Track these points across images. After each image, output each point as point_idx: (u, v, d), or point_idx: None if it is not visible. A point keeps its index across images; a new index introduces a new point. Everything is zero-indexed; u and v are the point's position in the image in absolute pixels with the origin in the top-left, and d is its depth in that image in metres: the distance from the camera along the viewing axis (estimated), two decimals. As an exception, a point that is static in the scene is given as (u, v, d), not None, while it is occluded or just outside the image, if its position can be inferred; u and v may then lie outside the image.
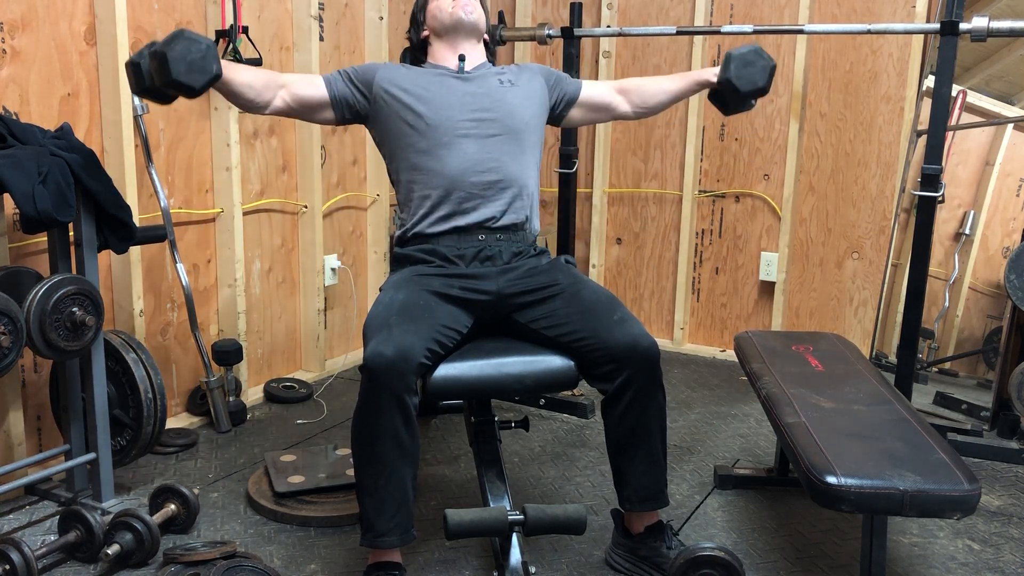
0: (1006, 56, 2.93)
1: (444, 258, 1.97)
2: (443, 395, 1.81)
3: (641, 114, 2.26)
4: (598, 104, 2.22)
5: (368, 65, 2.11)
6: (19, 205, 1.82)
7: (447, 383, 1.80)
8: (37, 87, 2.22)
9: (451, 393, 1.82)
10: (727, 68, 2.06)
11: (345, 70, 2.08)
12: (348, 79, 2.06)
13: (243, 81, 1.92)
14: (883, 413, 1.80)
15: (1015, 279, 2.49)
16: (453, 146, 1.98)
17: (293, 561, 1.97)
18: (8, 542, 1.75)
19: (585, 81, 2.24)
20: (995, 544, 2.11)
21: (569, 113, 2.21)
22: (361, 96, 2.05)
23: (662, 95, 2.22)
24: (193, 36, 1.70)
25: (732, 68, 2.06)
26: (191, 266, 2.70)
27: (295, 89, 2.02)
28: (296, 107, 2.03)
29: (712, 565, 1.73)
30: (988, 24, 2.29)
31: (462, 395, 1.90)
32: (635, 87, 2.23)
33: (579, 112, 2.22)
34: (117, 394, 2.18)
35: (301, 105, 2.03)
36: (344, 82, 2.06)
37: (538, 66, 2.23)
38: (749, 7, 3.35)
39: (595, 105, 2.22)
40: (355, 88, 2.05)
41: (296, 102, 2.02)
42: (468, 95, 2.03)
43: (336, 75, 2.07)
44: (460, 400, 2.32)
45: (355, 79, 2.06)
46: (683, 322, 3.62)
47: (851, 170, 3.28)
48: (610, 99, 2.22)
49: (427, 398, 1.81)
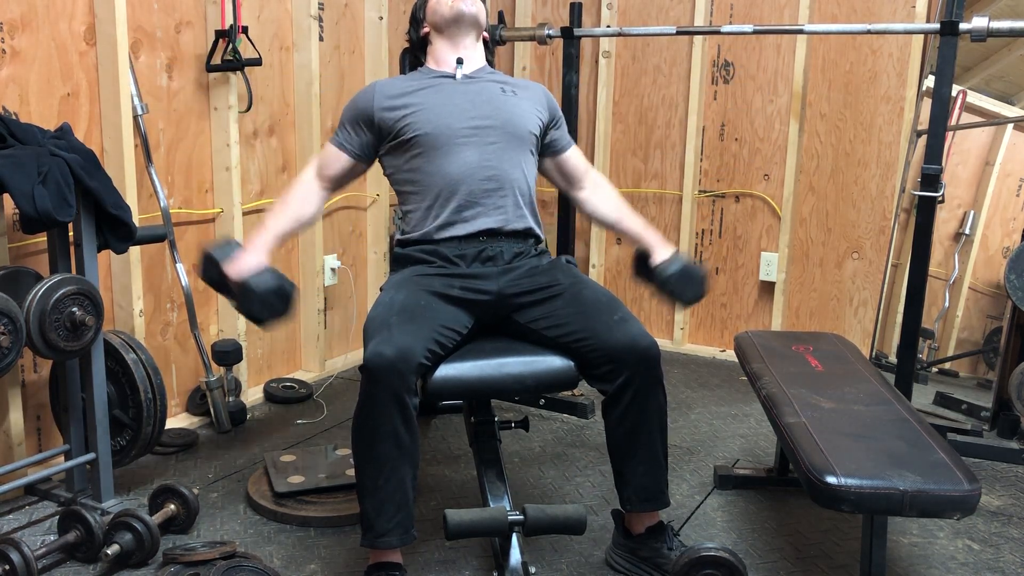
0: (1006, 56, 2.93)
1: (445, 258, 1.97)
2: (443, 395, 1.81)
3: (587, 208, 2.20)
4: (570, 172, 2.19)
5: (359, 98, 2.08)
6: (19, 205, 1.82)
7: (447, 383, 1.80)
8: (37, 87, 2.22)
9: (451, 393, 1.82)
10: (667, 285, 2.02)
11: (345, 120, 2.08)
12: (353, 128, 2.06)
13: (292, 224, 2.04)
14: (883, 413, 1.80)
15: (1015, 279, 2.49)
16: (453, 153, 1.97)
17: (293, 561, 1.97)
18: (8, 542, 1.75)
19: (574, 146, 2.22)
20: (995, 544, 2.11)
21: (544, 160, 2.18)
22: (370, 132, 2.05)
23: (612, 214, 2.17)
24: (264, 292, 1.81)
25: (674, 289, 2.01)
26: (191, 266, 2.70)
27: (326, 174, 2.08)
28: (336, 184, 2.10)
29: (715, 565, 1.73)
30: (988, 24, 2.29)
31: (462, 395, 1.91)
32: (602, 187, 2.20)
33: (552, 165, 2.19)
34: (117, 394, 2.18)
35: (337, 182, 2.10)
36: (353, 132, 2.06)
37: (545, 91, 2.18)
38: (749, 7, 3.35)
39: (567, 171, 2.19)
40: (363, 131, 2.05)
41: (333, 183, 2.09)
42: (467, 101, 2.02)
43: (341, 132, 2.07)
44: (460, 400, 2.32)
45: (360, 122, 2.05)
46: (683, 322, 3.62)
47: (851, 170, 3.28)
48: (581, 176, 2.19)
49: (427, 398, 1.81)
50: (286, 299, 1.84)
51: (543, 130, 2.12)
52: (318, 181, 2.08)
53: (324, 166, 2.08)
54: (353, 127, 2.06)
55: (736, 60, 3.41)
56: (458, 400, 2.35)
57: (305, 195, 2.06)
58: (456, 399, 2.06)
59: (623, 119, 3.65)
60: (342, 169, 2.08)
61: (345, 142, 2.07)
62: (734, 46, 3.41)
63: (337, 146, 2.07)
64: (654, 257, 2.06)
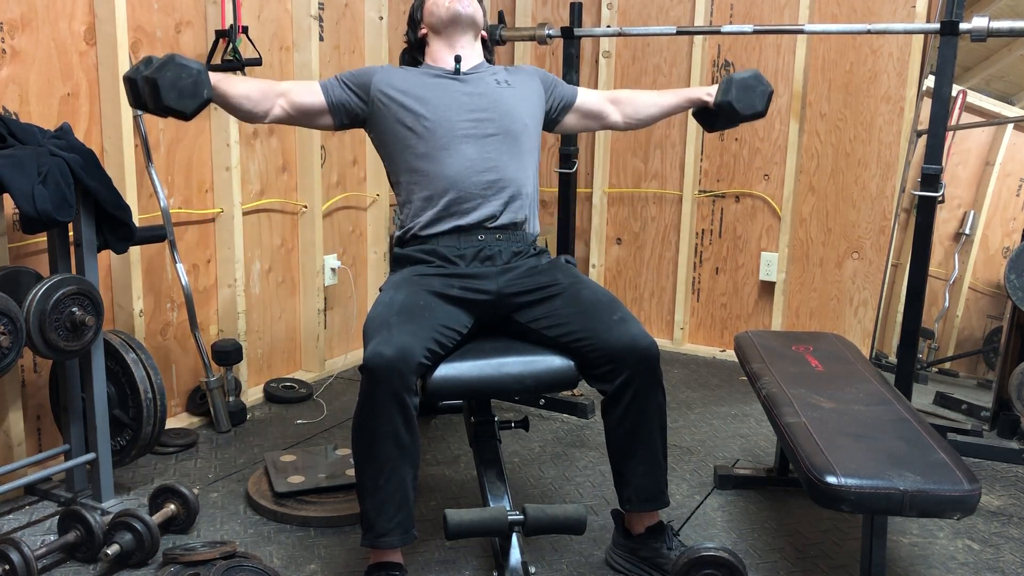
0: (1006, 56, 2.93)
1: (444, 258, 1.97)
2: (443, 395, 1.81)
3: (631, 125, 2.31)
4: (592, 111, 2.26)
5: (364, 69, 2.11)
6: (19, 205, 1.82)
7: (447, 383, 1.80)
8: (37, 87, 2.22)
9: (451, 393, 1.82)
10: (728, 91, 2.13)
11: (341, 75, 2.09)
12: (345, 84, 2.07)
13: (240, 93, 1.95)
14: (883, 413, 1.80)
15: (1015, 279, 2.49)
16: (452, 148, 1.98)
17: (293, 561, 1.97)
18: (8, 542, 1.75)
19: (580, 88, 2.27)
20: (995, 544, 2.11)
21: (564, 118, 2.24)
22: (359, 100, 2.06)
23: (653, 108, 2.27)
24: (184, 62, 1.76)
25: (734, 92, 2.12)
26: (191, 266, 2.70)
27: (293, 97, 2.03)
28: (295, 114, 2.05)
29: (715, 565, 1.73)
30: (988, 24, 2.29)
31: (462, 395, 1.90)
32: (627, 98, 2.27)
33: (573, 118, 2.25)
34: (117, 394, 2.18)
35: (299, 112, 2.05)
36: (341, 87, 2.06)
37: (534, 68, 2.24)
38: (749, 7, 3.35)
39: (589, 112, 2.26)
40: (352, 93, 2.06)
41: (294, 109, 2.04)
42: (465, 96, 2.03)
43: (333, 81, 2.08)
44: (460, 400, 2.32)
45: (352, 84, 2.06)
46: (683, 322, 3.62)
47: (851, 170, 3.28)
48: (603, 107, 2.27)
49: (427, 398, 1.81)
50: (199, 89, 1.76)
51: (545, 106, 2.17)
52: (281, 97, 2.02)
53: (295, 91, 2.04)
54: (344, 84, 2.07)
55: (736, 60, 3.41)
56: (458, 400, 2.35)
57: (265, 92, 2.00)
58: (456, 399, 2.05)
59: (623, 119, 3.64)
60: (308, 104, 2.04)
61: (329, 88, 2.06)
62: (734, 46, 3.41)
63: (320, 86, 2.07)
64: (704, 99, 2.18)
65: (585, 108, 2.25)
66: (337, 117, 2.07)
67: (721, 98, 2.14)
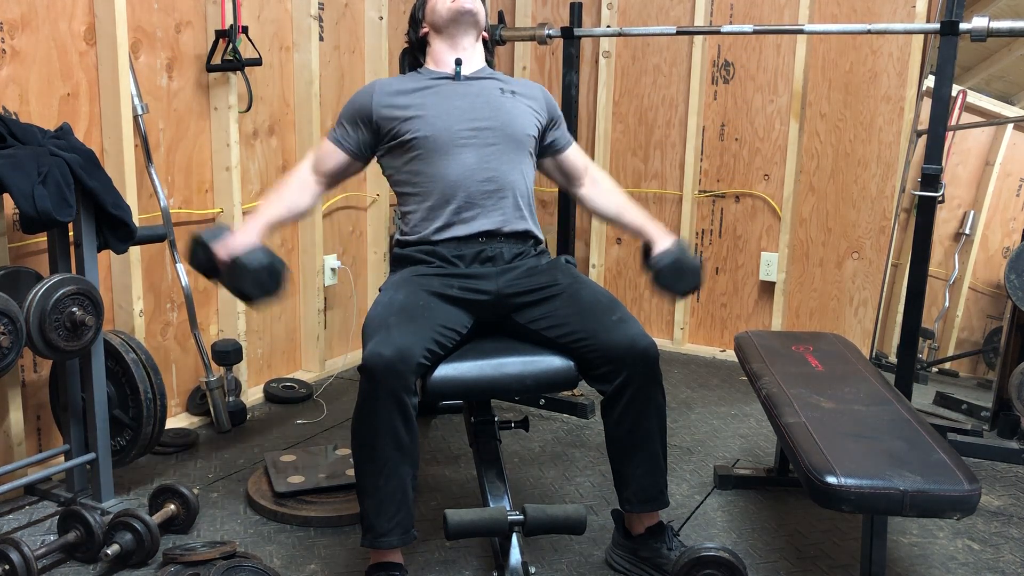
0: (1006, 56, 2.93)
1: (444, 259, 1.97)
2: (443, 395, 1.81)
3: (588, 205, 2.22)
4: (568, 171, 2.20)
5: (358, 96, 2.08)
6: (19, 205, 1.82)
7: (447, 383, 1.80)
8: (37, 87, 2.22)
9: (451, 393, 1.82)
10: (658, 278, 2.01)
11: (344, 117, 2.08)
12: (351, 125, 2.06)
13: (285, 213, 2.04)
14: (883, 413, 1.80)
15: (1015, 279, 2.49)
16: (452, 155, 1.97)
17: (293, 561, 1.97)
18: (8, 542, 1.75)
19: (574, 144, 2.23)
20: (995, 544, 2.11)
21: (544, 159, 2.19)
22: (368, 131, 2.05)
23: (612, 208, 2.18)
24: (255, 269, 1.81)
25: (666, 281, 2.01)
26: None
27: (322, 169, 2.08)
28: (332, 180, 2.10)
29: (715, 565, 1.73)
30: (988, 24, 2.29)
31: (462, 395, 1.90)
32: (601, 183, 2.21)
33: (551, 163, 2.20)
34: (117, 394, 2.18)
35: (333, 178, 2.10)
36: (350, 130, 2.06)
37: (544, 92, 2.18)
38: (749, 7, 3.35)
39: (566, 169, 2.20)
40: (361, 129, 2.05)
41: (329, 179, 2.09)
42: (467, 103, 2.02)
43: (339, 130, 2.08)
44: (460, 400, 2.32)
45: (356, 121, 2.05)
46: (683, 322, 3.62)
47: (851, 170, 3.28)
48: (579, 175, 2.21)
49: (427, 398, 1.81)
50: (276, 276, 1.82)
51: (542, 132, 2.12)
52: (314, 176, 2.08)
53: (320, 161, 2.08)
54: (351, 125, 2.06)
55: (736, 60, 3.41)
56: (458, 400, 2.35)
57: (301, 187, 2.07)
58: (456, 399, 2.06)
59: (623, 119, 3.65)
60: (337, 165, 2.08)
61: (342, 139, 2.07)
62: (734, 46, 3.41)
63: (334, 142, 2.07)
64: (653, 249, 2.06)
65: (566, 164, 2.20)
66: (363, 158, 2.09)
67: (657, 280, 2.02)
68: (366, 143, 2.06)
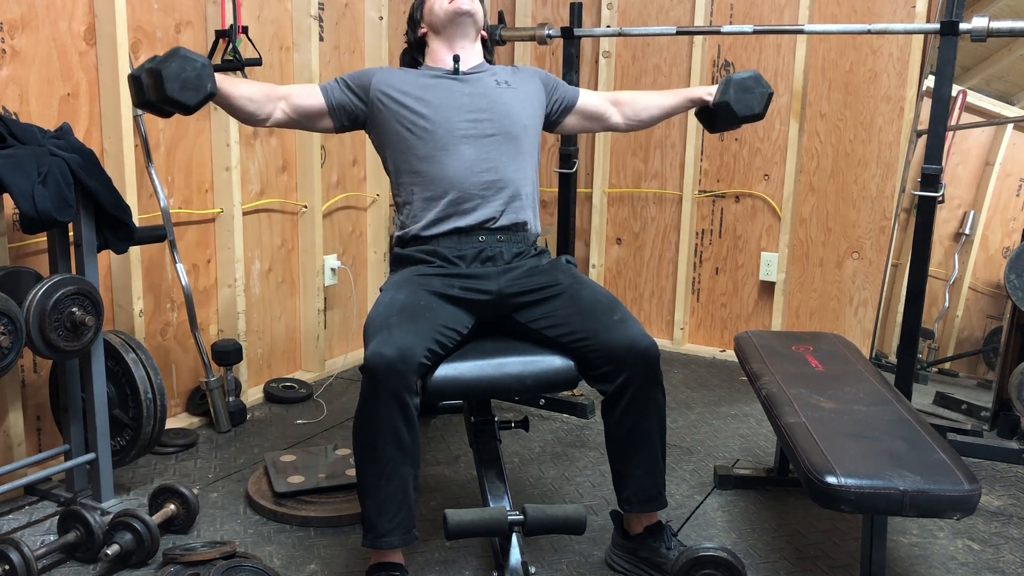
0: (1006, 56, 2.93)
1: (444, 258, 1.97)
2: (443, 395, 1.81)
3: (632, 126, 2.30)
4: (593, 113, 2.25)
5: (364, 71, 2.12)
6: (19, 205, 1.82)
7: (447, 383, 1.80)
8: (37, 87, 2.22)
9: (451, 393, 1.82)
10: (726, 92, 2.12)
11: (342, 77, 2.09)
12: (345, 86, 2.07)
13: (242, 94, 1.96)
14: (883, 413, 1.80)
15: (1015, 279, 2.49)
16: (451, 149, 1.98)
17: (293, 561, 1.97)
18: (8, 542, 1.75)
19: (582, 89, 2.27)
20: (995, 544, 2.11)
21: (565, 120, 2.24)
22: (359, 102, 2.06)
23: (654, 109, 2.26)
24: (189, 55, 1.76)
25: (732, 92, 2.11)
26: (191, 266, 2.70)
27: (294, 100, 2.04)
28: (296, 117, 2.06)
29: (714, 565, 1.73)
30: (988, 24, 2.29)
31: (462, 395, 1.90)
32: (628, 100, 2.27)
33: (574, 119, 2.25)
34: (117, 394, 2.18)
35: (300, 115, 2.06)
36: (341, 89, 2.07)
37: (535, 69, 2.24)
38: (749, 7, 3.35)
39: (590, 114, 2.25)
40: (352, 95, 2.06)
41: (295, 112, 2.05)
42: (465, 97, 2.03)
43: (333, 83, 2.08)
44: (460, 400, 2.32)
45: (352, 85, 2.07)
46: (683, 322, 3.62)
47: (851, 170, 3.28)
48: (604, 108, 2.26)
49: (427, 398, 1.81)
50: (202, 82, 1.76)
51: (546, 108, 2.17)
52: (282, 101, 2.03)
53: (296, 94, 2.05)
54: (344, 85, 2.07)
55: (736, 60, 3.41)
56: (458, 400, 2.35)
57: (267, 96, 2.01)
58: (456, 399, 2.05)
59: (623, 119, 3.65)
60: (308, 107, 2.05)
61: (329, 90, 2.07)
62: (734, 46, 3.41)
63: (320, 88, 2.07)
64: (705, 98, 2.17)
65: (586, 109, 2.24)
66: (337, 119, 2.08)
67: (719, 98, 2.13)
68: (346, 107, 2.06)
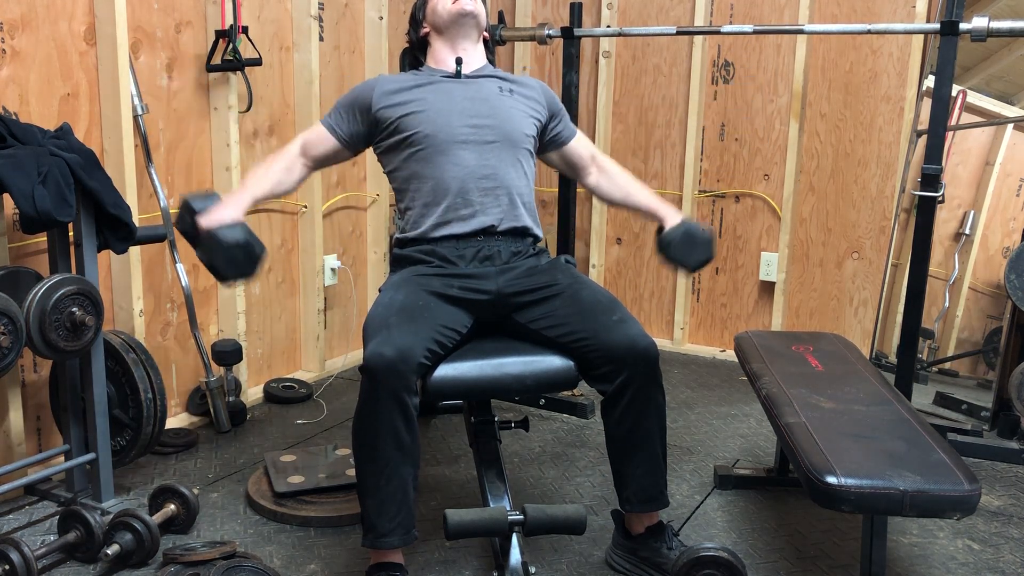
0: (1006, 56, 2.93)
1: (443, 258, 1.97)
2: (443, 395, 1.81)
3: (599, 195, 2.24)
4: (574, 161, 2.22)
5: (362, 89, 2.09)
6: (19, 205, 1.82)
7: (447, 383, 1.80)
8: (37, 87, 2.22)
9: (451, 393, 1.82)
10: (668, 250, 2.03)
11: (341, 105, 2.08)
12: (348, 113, 2.06)
13: (269, 190, 2.00)
14: (883, 413, 1.80)
15: (1015, 279, 2.49)
16: (451, 153, 1.98)
17: (293, 561, 1.97)
18: (8, 542, 1.75)
19: (579, 132, 2.24)
20: (995, 544, 2.11)
21: (548, 153, 2.21)
22: (365, 123, 2.05)
23: (620, 193, 2.20)
24: (226, 240, 1.76)
25: (677, 253, 2.02)
26: (191, 266, 2.70)
27: (311, 152, 2.07)
28: (318, 165, 2.11)
29: (715, 565, 1.73)
30: (988, 24, 2.29)
31: (462, 395, 1.90)
32: (609, 169, 2.22)
33: (557, 157, 2.22)
34: (117, 394, 2.18)
35: (320, 162, 2.10)
36: (347, 119, 2.06)
37: (544, 87, 2.19)
38: (749, 7, 3.35)
39: (572, 160, 2.22)
40: (358, 120, 2.05)
41: (315, 162, 2.09)
42: (466, 101, 2.03)
43: (336, 114, 2.08)
44: (460, 400, 2.32)
45: (355, 110, 2.05)
46: (683, 322, 3.62)
47: (851, 170, 3.28)
48: (585, 164, 2.22)
49: (427, 398, 1.81)
50: (253, 258, 1.79)
51: (542, 128, 2.12)
52: (301, 158, 2.06)
53: (310, 145, 2.07)
54: (348, 113, 2.06)
55: (736, 60, 3.41)
56: (458, 400, 2.35)
57: (288, 167, 2.04)
58: (456, 399, 2.05)
59: (623, 119, 3.65)
60: (326, 151, 2.08)
61: (336, 126, 2.07)
62: (734, 46, 3.41)
63: (327, 128, 2.07)
64: (664, 226, 2.08)
65: (571, 155, 2.21)
66: (353, 148, 2.09)
67: (667, 253, 2.04)
68: (359, 135, 2.06)
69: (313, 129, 2.10)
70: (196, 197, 1.84)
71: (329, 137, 2.07)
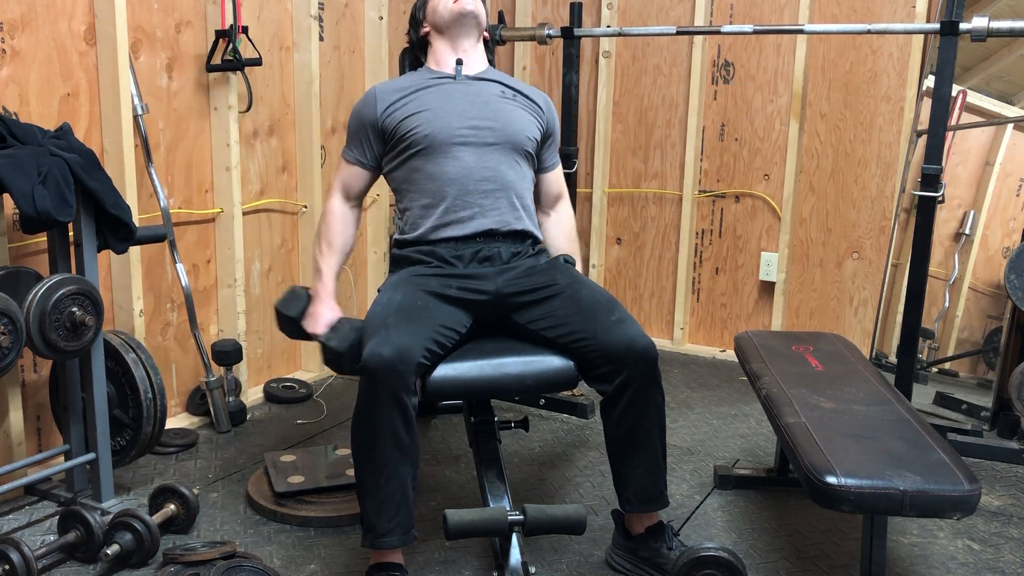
0: (1006, 56, 2.93)
1: (442, 259, 1.97)
2: (443, 395, 1.81)
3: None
4: (543, 193, 2.23)
5: (363, 107, 2.09)
6: (19, 205, 1.82)
7: (446, 383, 1.80)
8: (37, 87, 2.22)
9: (451, 393, 1.83)
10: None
11: (352, 133, 2.10)
12: (363, 138, 2.08)
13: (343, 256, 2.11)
14: (883, 413, 1.80)
15: (1015, 279, 2.49)
16: (451, 154, 1.98)
17: (293, 561, 1.97)
18: (8, 542, 1.75)
19: (559, 167, 2.25)
20: (995, 544, 2.11)
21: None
22: (379, 141, 2.07)
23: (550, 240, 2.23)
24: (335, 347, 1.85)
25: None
26: (191, 266, 2.70)
27: (353, 192, 2.14)
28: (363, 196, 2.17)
29: (715, 565, 1.73)
30: (988, 24, 2.29)
31: (462, 395, 1.91)
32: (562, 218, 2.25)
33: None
34: (117, 394, 2.18)
35: (364, 194, 2.17)
36: (364, 145, 2.08)
37: (548, 103, 2.19)
38: (749, 7, 3.35)
39: (541, 190, 2.22)
40: (371, 139, 2.07)
41: (360, 197, 2.17)
42: (467, 102, 2.03)
43: (355, 147, 2.10)
44: (460, 400, 2.32)
45: (368, 133, 2.07)
46: (683, 322, 3.62)
47: (851, 170, 3.28)
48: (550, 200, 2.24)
49: (426, 398, 1.81)
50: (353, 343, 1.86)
51: (537, 143, 2.13)
52: (347, 203, 2.12)
53: (349, 187, 2.12)
54: (363, 139, 2.08)
55: (736, 60, 3.41)
56: (458, 400, 2.35)
57: (344, 223, 2.11)
58: (456, 399, 2.06)
59: (623, 119, 3.65)
60: (365, 184, 2.13)
61: (360, 157, 2.09)
62: (734, 46, 3.41)
63: (355, 163, 2.10)
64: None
65: (543, 185, 2.22)
66: (379, 167, 2.11)
67: None
68: (381, 153, 2.09)
69: (342, 170, 2.12)
70: (288, 302, 1.99)
71: (361, 171, 2.11)
